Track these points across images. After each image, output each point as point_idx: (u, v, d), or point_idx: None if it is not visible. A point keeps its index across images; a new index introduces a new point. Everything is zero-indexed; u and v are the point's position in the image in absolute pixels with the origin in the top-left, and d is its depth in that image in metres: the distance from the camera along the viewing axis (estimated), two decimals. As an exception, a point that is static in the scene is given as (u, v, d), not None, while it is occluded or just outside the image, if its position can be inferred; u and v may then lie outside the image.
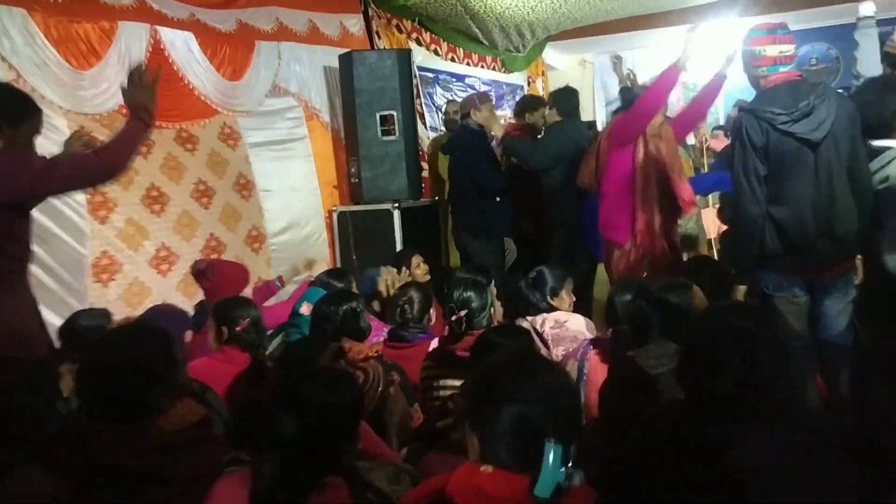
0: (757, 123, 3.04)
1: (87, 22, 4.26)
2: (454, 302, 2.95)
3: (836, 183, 3.00)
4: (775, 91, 3.07)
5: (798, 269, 3.08)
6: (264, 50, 5.30)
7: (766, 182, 3.05)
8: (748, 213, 3.08)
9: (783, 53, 3.07)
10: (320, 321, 3.01)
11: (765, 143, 3.02)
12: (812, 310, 3.11)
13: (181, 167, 4.71)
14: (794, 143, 3.00)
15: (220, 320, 3.20)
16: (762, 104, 3.08)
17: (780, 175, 3.04)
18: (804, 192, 3.01)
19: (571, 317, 3.47)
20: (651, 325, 2.46)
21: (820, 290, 3.11)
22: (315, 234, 5.61)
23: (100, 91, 4.29)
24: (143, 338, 2.03)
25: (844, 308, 3.09)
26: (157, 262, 4.51)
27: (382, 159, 5.40)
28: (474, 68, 7.72)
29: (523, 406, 1.45)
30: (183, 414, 1.93)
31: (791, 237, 3.03)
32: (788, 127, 2.99)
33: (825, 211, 3.00)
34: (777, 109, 3.01)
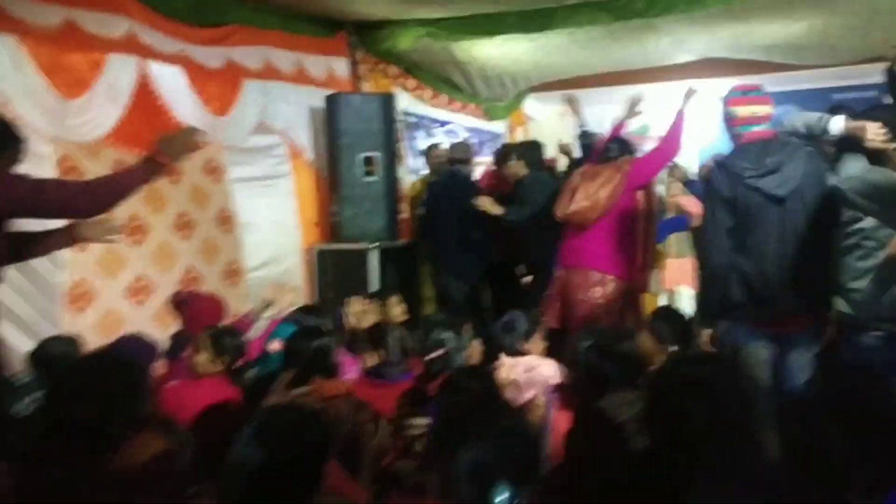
0: (726, 177, 3.20)
1: (77, 52, 4.30)
2: (430, 341, 3.01)
3: (803, 238, 3.11)
4: (747, 147, 3.23)
5: (762, 320, 3.18)
6: (251, 88, 5.37)
7: (733, 234, 3.17)
8: (712, 262, 3.22)
9: (755, 114, 3.22)
10: (292, 356, 3.03)
11: (732, 196, 3.17)
12: (776, 361, 3.20)
13: (163, 198, 4.74)
14: (760, 197, 3.13)
15: (218, 349, 3.22)
16: (732, 159, 3.24)
17: (746, 227, 3.16)
18: (769, 245, 3.13)
19: (543, 362, 3.49)
20: (606, 377, 2.52)
21: (786, 343, 3.20)
22: (293, 271, 5.64)
23: (86, 120, 4.32)
24: (107, 367, 2.03)
25: (808, 361, 3.18)
26: (133, 292, 4.51)
27: (363, 199, 5.49)
28: (457, 114, 7.86)
29: (479, 450, 1.48)
30: (143, 447, 1.93)
31: (755, 288, 3.14)
32: (755, 182, 3.13)
33: (790, 265, 3.10)
34: (745, 164, 3.16)
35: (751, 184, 3.13)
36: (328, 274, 5.48)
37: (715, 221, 3.21)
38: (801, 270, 3.11)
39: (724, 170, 3.24)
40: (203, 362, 3.25)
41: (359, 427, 2.74)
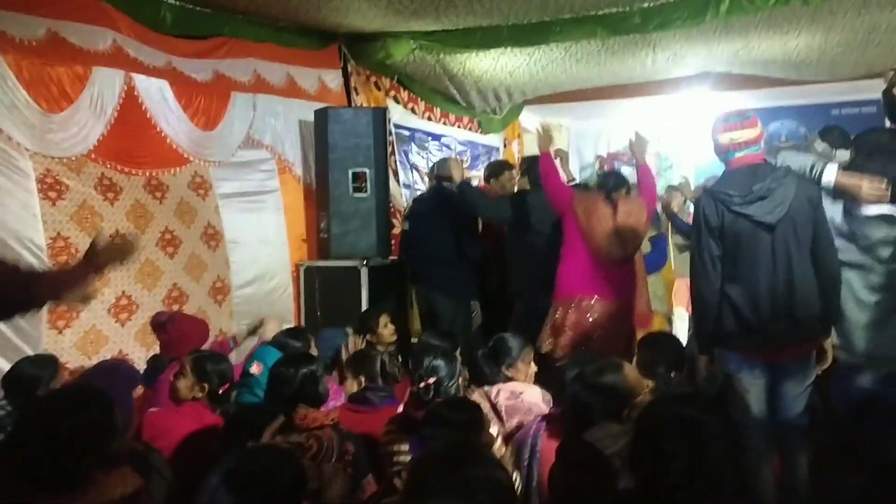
0: (714, 204, 3.13)
1: (61, 65, 4.23)
2: (422, 369, 2.97)
3: (796, 265, 3.04)
4: (734, 174, 3.16)
5: (756, 349, 3.10)
6: (239, 101, 5.30)
7: (723, 262, 3.11)
8: (701, 292, 3.16)
9: (734, 140, 3.16)
10: (277, 384, 2.93)
11: (720, 224, 3.10)
12: (771, 391, 3.13)
13: (148, 215, 4.65)
14: (748, 224, 3.06)
15: (200, 374, 3.14)
16: (719, 186, 3.19)
17: (736, 256, 3.09)
18: (760, 273, 3.05)
19: (527, 388, 3.42)
20: (591, 410, 2.46)
21: (780, 372, 3.13)
22: (281, 289, 5.55)
23: (69, 135, 4.24)
24: (79, 404, 1.95)
25: (804, 391, 3.13)
26: (116, 310, 4.42)
27: (353, 216, 5.39)
28: (451, 128, 7.79)
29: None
30: (116, 484, 1.86)
31: (746, 318, 3.07)
32: (742, 209, 3.06)
33: (783, 293, 3.03)
34: (732, 191, 3.09)
35: (738, 211, 3.06)
36: (316, 292, 5.38)
37: (702, 250, 3.15)
38: (794, 298, 3.04)
39: (710, 197, 3.17)
40: (184, 388, 3.17)
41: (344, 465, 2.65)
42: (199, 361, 3.22)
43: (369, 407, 3.38)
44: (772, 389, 3.13)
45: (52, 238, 4.11)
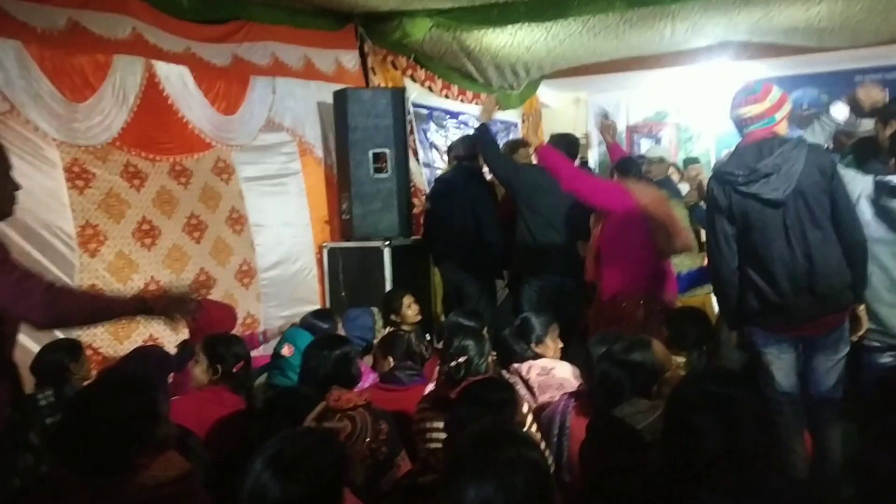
0: (720, 185, 3.14)
1: (83, 55, 4.26)
2: (453, 348, 3.01)
3: (812, 239, 3.01)
4: (741, 152, 3.15)
5: (780, 326, 3.10)
6: (259, 85, 5.32)
7: (738, 242, 3.11)
8: (719, 272, 3.18)
9: (742, 116, 3.15)
10: (311, 366, 2.98)
11: (728, 205, 3.11)
12: (803, 365, 3.12)
13: (174, 200, 4.70)
14: (756, 203, 3.05)
15: (213, 358, 3.17)
16: (725, 166, 3.19)
17: (749, 234, 3.09)
18: (774, 251, 3.04)
19: (558, 364, 3.47)
20: (621, 386, 2.48)
21: (809, 346, 3.12)
22: (305, 270, 5.60)
23: (94, 123, 4.29)
24: (125, 391, 1.99)
25: (835, 365, 3.10)
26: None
27: (374, 196, 5.41)
28: (468, 105, 7.76)
29: (484, 486, 1.45)
30: (164, 468, 1.91)
31: (766, 295, 3.06)
32: (748, 188, 3.05)
33: (802, 268, 3.01)
34: (736, 171, 3.08)
35: (744, 190, 3.05)
36: (340, 273, 5.42)
37: (716, 231, 3.16)
38: (814, 272, 3.01)
39: (717, 178, 3.18)
40: (200, 373, 3.20)
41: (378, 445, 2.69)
42: (210, 345, 3.23)
43: (399, 386, 3.43)
44: (803, 363, 3.12)
45: (80, 226, 4.17)
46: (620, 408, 2.44)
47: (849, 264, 3.05)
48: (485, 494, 1.44)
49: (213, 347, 3.21)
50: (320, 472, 1.72)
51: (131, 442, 1.88)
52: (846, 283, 3.06)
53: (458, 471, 1.51)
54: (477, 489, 1.45)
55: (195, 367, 3.22)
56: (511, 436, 1.61)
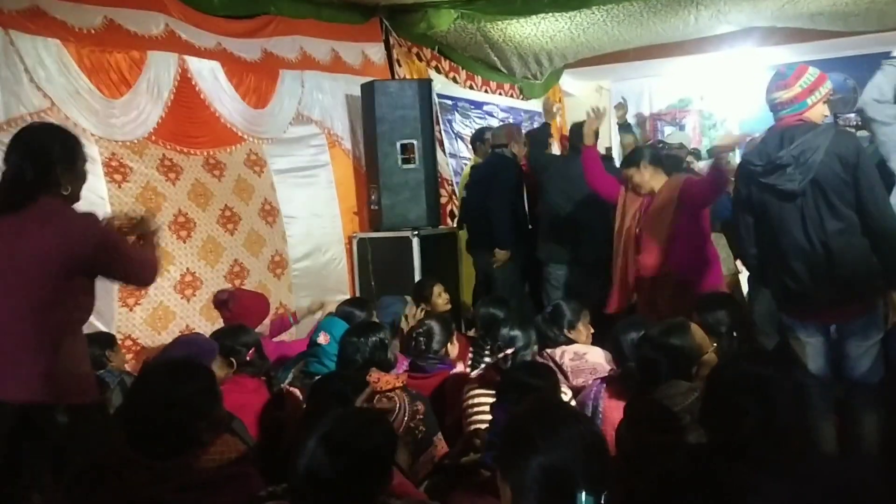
0: (742, 176, 3.19)
1: (118, 51, 4.36)
2: (501, 340, 3.15)
3: (830, 229, 3.00)
4: (768, 138, 3.16)
5: (806, 312, 3.13)
6: (288, 78, 5.40)
7: (758, 230, 3.17)
8: (746, 259, 3.31)
9: (775, 100, 3.16)
10: (349, 352, 3.07)
11: (748, 195, 3.15)
12: (835, 350, 3.14)
13: (208, 193, 4.80)
14: (772, 195, 3.07)
15: (226, 351, 3.25)
16: (749, 155, 3.21)
17: (768, 224, 3.12)
18: (792, 242, 3.07)
19: (590, 349, 3.53)
20: (659, 369, 2.52)
21: (841, 332, 3.12)
22: (335, 261, 5.68)
23: (130, 119, 4.39)
24: (187, 372, 2.09)
25: (867, 350, 3.08)
26: (181, 287, 4.58)
27: (402, 187, 5.48)
28: (492, 95, 7.81)
29: (552, 456, 1.47)
30: (223, 450, 2.00)
31: (787, 283, 3.09)
32: (765, 179, 3.07)
33: (821, 258, 3.01)
34: (756, 161, 3.10)
35: (762, 181, 3.07)
36: (369, 263, 5.50)
37: (738, 219, 3.22)
38: (833, 262, 3.00)
39: (741, 166, 3.21)
40: (217, 370, 3.28)
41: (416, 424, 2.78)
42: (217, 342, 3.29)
43: (423, 374, 3.52)
44: (835, 349, 3.13)
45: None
46: (659, 389, 2.47)
47: (876, 252, 3.02)
48: (554, 462, 1.47)
49: (222, 343, 3.28)
50: (371, 451, 1.78)
51: (195, 421, 1.97)
52: (872, 272, 3.02)
53: (525, 445, 1.53)
54: (545, 457, 1.48)
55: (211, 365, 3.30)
56: (568, 411, 1.66)
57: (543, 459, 1.48)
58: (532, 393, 2.36)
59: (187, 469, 1.93)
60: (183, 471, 1.93)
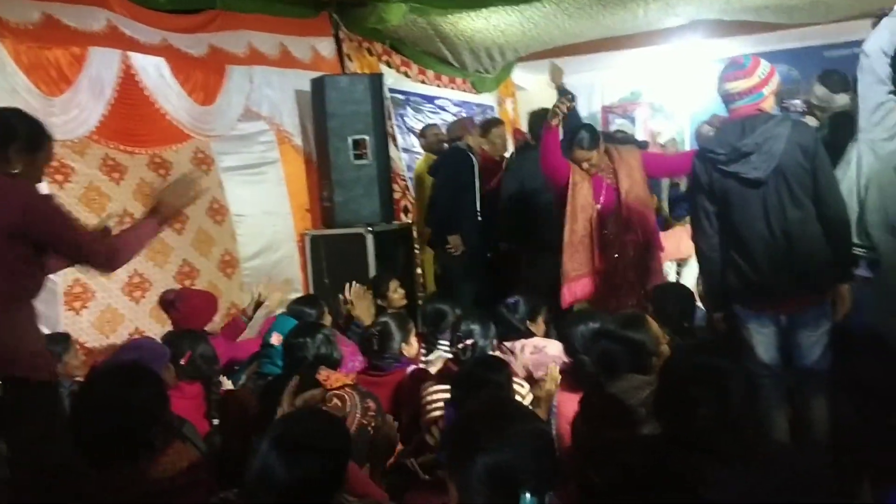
0: (702, 164, 3.13)
1: (58, 48, 4.23)
2: (461, 332, 3.16)
3: (791, 218, 3.01)
4: (729, 127, 3.14)
5: (761, 302, 3.12)
6: (236, 74, 5.30)
7: (719, 220, 3.12)
8: (701, 249, 3.19)
9: (729, 91, 3.12)
10: (297, 352, 3.02)
11: (709, 182, 3.11)
12: (785, 340, 3.15)
13: (154, 193, 4.67)
14: (736, 182, 3.05)
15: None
16: (710, 143, 3.18)
17: (730, 212, 3.10)
18: (754, 230, 3.05)
19: (549, 342, 3.56)
20: (618, 363, 2.51)
21: (790, 323, 3.14)
22: (287, 259, 5.60)
23: (70, 118, 4.26)
24: (136, 377, 2.02)
25: (818, 339, 3.09)
26: (129, 288, 4.47)
27: (355, 183, 5.43)
28: (444, 89, 7.79)
29: (497, 456, 1.46)
30: (175, 459, 1.95)
31: (745, 273, 3.08)
32: (727, 167, 3.05)
33: (781, 248, 3.02)
34: (718, 150, 3.08)
35: (724, 169, 3.06)
36: (323, 260, 5.44)
37: (698, 209, 3.16)
38: (793, 251, 3.02)
39: (700, 156, 3.17)
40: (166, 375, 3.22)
41: (368, 421, 2.75)
42: None
43: (380, 372, 3.49)
44: (785, 338, 3.14)
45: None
46: (615, 384, 2.47)
47: (830, 243, 3.04)
48: (498, 461, 1.46)
49: None
50: (325, 452, 1.76)
51: (147, 425, 1.91)
52: (826, 262, 3.05)
53: (470, 444, 1.52)
54: (490, 456, 1.47)
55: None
56: (516, 409, 1.65)
57: (488, 459, 1.46)
58: (486, 388, 2.34)
59: (139, 479, 1.88)
60: (134, 480, 1.88)
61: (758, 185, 3.02)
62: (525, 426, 1.54)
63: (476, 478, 1.46)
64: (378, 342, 3.55)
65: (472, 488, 1.47)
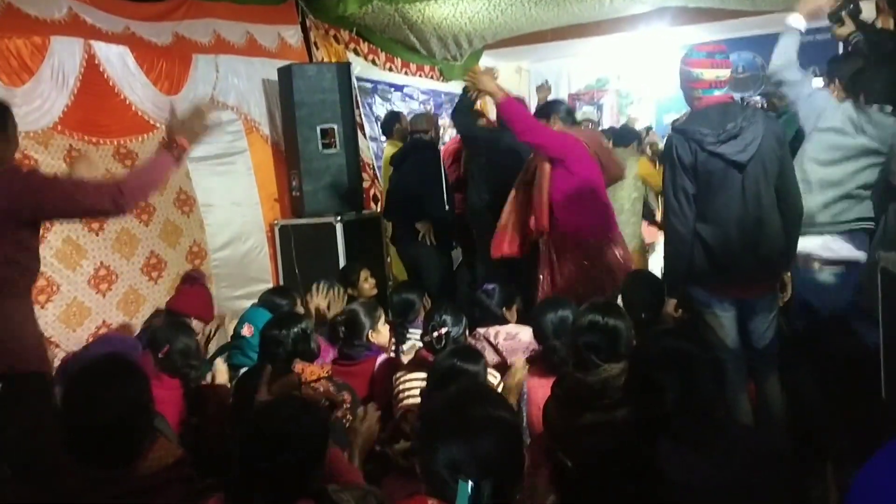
0: (686, 143, 3.11)
1: (18, 37, 4.14)
2: (434, 321, 3.17)
3: (764, 204, 3.09)
4: (706, 112, 3.14)
5: (725, 286, 3.18)
6: (201, 63, 5.24)
7: (695, 201, 3.13)
8: (676, 230, 3.17)
9: (719, 78, 3.13)
10: (270, 346, 3.00)
11: (693, 163, 3.10)
12: (742, 325, 3.23)
13: (119, 184, 4.62)
14: (721, 163, 3.07)
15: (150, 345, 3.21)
16: (692, 125, 3.16)
17: (708, 194, 3.12)
18: (731, 211, 3.09)
19: (521, 329, 3.58)
20: (594, 350, 2.51)
21: (748, 308, 3.22)
22: (257, 249, 5.57)
23: (33, 108, 4.18)
24: (126, 373, 2.01)
25: (771, 323, 3.24)
26: (96, 281, 4.42)
27: (323, 172, 5.41)
28: (412, 77, 7.77)
29: (454, 446, 1.49)
30: (161, 455, 1.95)
31: (717, 256, 3.12)
32: (716, 148, 3.06)
33: (752, 231, 3.08)
34: (706, 130, 3.08)
35: (711, 150, 3.07)
36: (292, 250, 5.42)
37: (676, 189, 3.14)
38: (762, 237, 3.09)
39: (683, 136, 3.16)
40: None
41: (343, 413, 2.76)
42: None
43: (351, 361, 3.50)
44: (741, 323, 3.22)
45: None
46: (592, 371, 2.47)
47: (786, 231, 3.14)
48: (453, 456, 1.48)
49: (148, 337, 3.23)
50: (303, 439, 1.77)
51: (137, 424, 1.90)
52: (784, 249, 3.16)
53: (432, 434, 1.55)
54: (445, 451, 1.49)
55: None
56: (481, 397, 1.64)
57: (446, 449, 1.49)
58: (463, 378, 2.36)
59: (128, 476, 1.88)
60: (123, 478, 1.87)
61: (741, 167, 3.06)
62: (486, 414, 1.55)
63: (436, 466, 1.49)
64: (346, 330, 3.56)
65: (436, 476, 1.50)
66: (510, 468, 1.53)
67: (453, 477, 1.46)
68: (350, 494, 1.76)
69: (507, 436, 1.56)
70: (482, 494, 1.40)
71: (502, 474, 1.48)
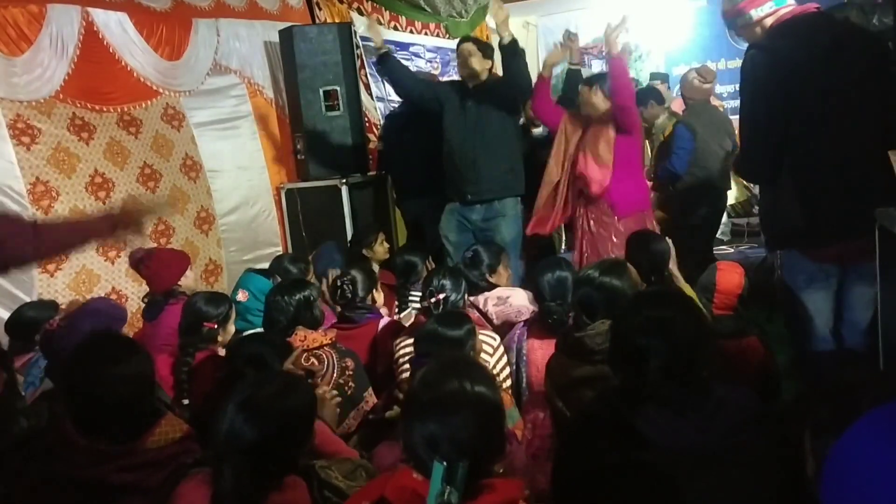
0: (770, 62, 2.54)
1: (15, 6, 4.14)
2: (433, 286, 3.15)
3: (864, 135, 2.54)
4: (791, 25, 2.58)
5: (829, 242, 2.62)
6: (202, 28, 5.21)
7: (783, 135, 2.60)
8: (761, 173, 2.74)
9: None
10: (274, 312, 3.03)
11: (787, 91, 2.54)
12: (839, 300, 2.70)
13: (125, 152, 4.64)
14: (812, 87, 2.53)
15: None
16: (776, 40, 2.58)
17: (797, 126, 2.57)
18: (827, 145, 2.55)
19: (513, 291, 3.55)
20: (595, 309, 2.50)
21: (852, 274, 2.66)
22: (264, 213, 5.61)
23: (34, 77, 4.20)
24: (126, 351, 2.02)
25: (872, 298, 2.56)
26: (104, 249, 4.45)
27: (328, 135, 5.39)
28: (418, 36, 7.68)
29: (430, 423, 1.49)
30: (168, 430, 1.97)
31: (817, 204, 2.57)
32: (815, 66, 2.51)
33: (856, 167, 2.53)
34: (794, 46, 2.52)
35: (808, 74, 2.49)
36: (299, 213, 5.43)
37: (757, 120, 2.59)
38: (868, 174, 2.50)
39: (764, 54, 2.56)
40: None
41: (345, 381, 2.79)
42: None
43: (353, 324, 3.51)
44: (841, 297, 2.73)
45: (31, 183, 4.12)
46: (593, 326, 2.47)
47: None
48: (427, 432, 1.49)
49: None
50: (290, 414, 1.79)
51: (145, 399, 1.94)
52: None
53: (413, 408, 1.56)
54: (421, 428, 1.50)
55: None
56: (462, 371, 1.60)
57: (430, 425, 1.49)
58: (446, 343, 2.38)
59: (133, 450, 1.90)
60: (128, 453, 1.90)
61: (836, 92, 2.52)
62: (466, 394, 1.53)
63: (417, 442, 1.50)
64: (349, 291, 3.57)
65: (414, 451, 1.51)
66: (489, 446, 1.53)
67: (429, 455, 1.46)
68: (338, 469, 1.79)
69: (485, 413, 1.53)
70: (456, 475, 1.38)
71: (480, 452, 1.48)
